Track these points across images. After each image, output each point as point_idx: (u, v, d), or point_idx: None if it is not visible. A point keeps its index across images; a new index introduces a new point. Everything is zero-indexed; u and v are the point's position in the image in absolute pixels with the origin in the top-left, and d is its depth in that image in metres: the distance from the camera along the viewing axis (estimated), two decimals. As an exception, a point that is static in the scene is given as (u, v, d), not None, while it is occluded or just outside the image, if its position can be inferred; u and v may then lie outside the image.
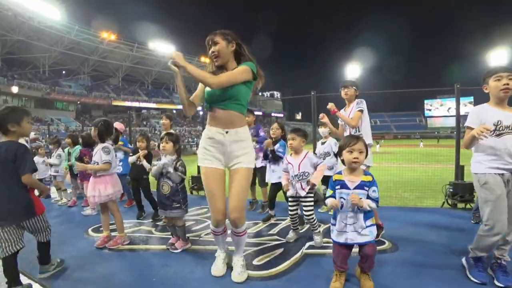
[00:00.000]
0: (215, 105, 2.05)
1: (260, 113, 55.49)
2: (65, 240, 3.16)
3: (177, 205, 2.73)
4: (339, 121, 3.10)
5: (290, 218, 2.90)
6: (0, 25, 30.73)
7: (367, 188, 1.88)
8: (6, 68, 34.51)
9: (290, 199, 2.86)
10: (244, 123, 2.14)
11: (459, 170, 4.13)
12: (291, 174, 2.80)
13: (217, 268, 2.28)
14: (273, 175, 3.58)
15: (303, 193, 2.76)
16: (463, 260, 2.18)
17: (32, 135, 6.76)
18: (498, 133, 1.92)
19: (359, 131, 2.85)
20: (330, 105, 2.96)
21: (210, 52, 2.03)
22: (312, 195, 2.82)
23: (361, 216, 1.90)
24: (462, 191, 3.88)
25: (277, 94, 75.64)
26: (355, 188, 1.89)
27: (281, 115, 68.19)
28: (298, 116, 75.18)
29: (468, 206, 3.86)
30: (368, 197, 1.87)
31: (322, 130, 3.99)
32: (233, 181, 2.09)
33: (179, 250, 2.70)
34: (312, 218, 2.77)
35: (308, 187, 2.75)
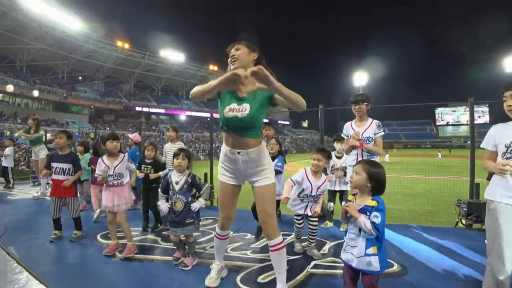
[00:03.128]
0: (231, 130, 2.03)
1: (266, 120, 55.48)
2: (74, 246, 3.23)
3: (190, 220, 2.69)
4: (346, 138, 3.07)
5: (297, 231, 2.99)
6: (26, 35, 32.55)
7: (368, 213, 1.77)
8: (29, 74, 36.36)
9: (298, 217, 2.95)
10: (258, 144, 2.07)
11: (474, 187, 3.95)
12: (306, 192, 2.80)
13: (211, 279, 2.29)
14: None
15: (310, 213, 2.87)
16: None
17: (49, 136, 7.02)
18: (509, 156, 1.77)
19: (371, 155, 2.80)
20: (355, 140, 2.84)
21: (230, 56, 2.02)
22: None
23: (362, 241, 1.78)
24: (477, 211, 3.66)
25: (283, 102, 75.26)
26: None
27: (287, 122, 67.91)
28: (305, 124, 74.62)
29: (484, 227, 3.70)
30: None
31: (338, 146, 3.96)
32: (256, 200, 2.14)
33: (189, 267, 2.63)
34: (315, 232, 2.90)
35: (314, 213, 2.85)
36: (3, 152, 7.05)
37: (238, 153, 2.04)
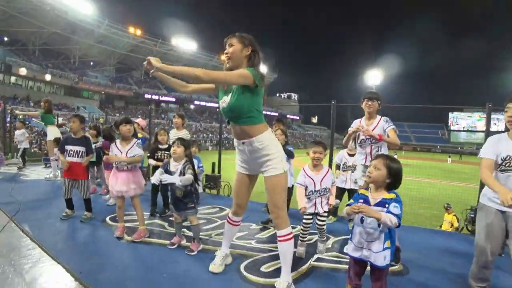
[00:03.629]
0: (230, 121, 2.13)
1: (276, 114, 55.34)
2: (84, 226, 3.34)
3: (192, 205, 2.79)
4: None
5: (303, 229, 2.84)
6: (39, 18, 32.97)
7: (387, 205, 1.77)
8: (42, 58, 36.92)
9: (306, 217, 2.84)
10: (259, 131, 2.07)
11: None
12: (310, 189, 2.74)
13: (215, 264, 2.37)
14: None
15: (322, 211, 2.77)
16: None
17: (60, 120, 7.17)
18: (503, 168, 1.87)
19: (380, 151, 2.77)
20: (361, 130, 2.77)
21: (224, 53, 2.06)
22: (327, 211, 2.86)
23: (381, 236, 1.79)
24: None
25: (294, 96, 74.99)
26: (375, 205, 1.80)
27: (297, 117, 67.55)
28: (314, 120, 74.10)
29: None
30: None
31: (350, 143, 3.92)
32: (266, 190, 2.15)
33: (195, 252, 2.71)
34: (324, 228, 2.83)
35: (327, 207, 2.81)
36: (18, 136, 7.23)
37: (243, 143, 2.11)
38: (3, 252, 2.56)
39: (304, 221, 2.82)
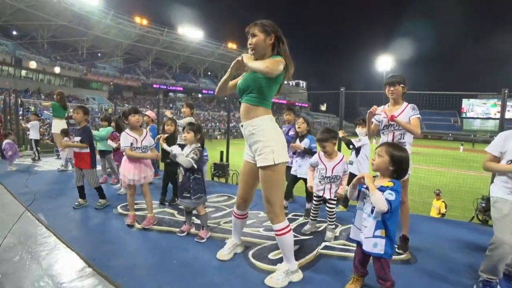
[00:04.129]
0: (240, 99, 2.11)
1: (284, 101, 54.92)
2: (96, 215, 3.43)
3: (187, 195, 2.76)
4: (375, 121, 2.77)
5: (314, 208, 3.00)
6: (47, 11, 33.33)
7: (383, 193, 1.77)
8: (50, 51, 37.54)
9: (316, 198, 2.96)
10: (257, 114, 2.00)
11: None
12: (322, 174, 2.82)
13: (222, 252, 2.41)
14: (300, 170, 3.58)
15: (328, 197, 2.85)
16: (474, 286, 2.06)
17: (70, 111, 7.29)
18: None
19: (403, 139, 2.57)
20: (388, 112, 2.59)
21: (248, 43, 2.00)
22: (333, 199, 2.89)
23: (373, 222, 1.80)
24: None
25: (302, 83, 74.04)
26: None
27: (306, 105, 66.86)
28: (323, 107, 72.97)
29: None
30: None
31: (359, 130, 3.82)
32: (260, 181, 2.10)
33: (204, 240, 2.76)
34: (333, 214, 2.88)
35: (335, 194, 2.84)
36: (24, 125, 7.39)
37: (242, 126, 2.06)
38: (21, 240, 2.66)
39: (314, 202, 2.98)
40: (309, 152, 3.45)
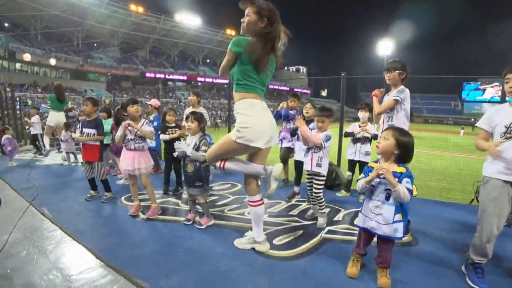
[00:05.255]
0: None
1: (286, 88, 54.35)
2: (101, 207, 3.45)
3: (199, 183, 2.81)
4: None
5: (308, 192, 2.99)
6: (38, 1, 32.22)
7: (398, 180, 1.77)
8: (44, 42, 36.58)
9: (307, 176, 2.92)
10: (238, 98, 2.12)
11: None
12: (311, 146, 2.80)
13: (240, 240, 2.48)
14: (301, 153, 3.60)
15: (310, 169, 2.80)
16: (463, 267, 2.09)
17: (69, 104, 7.22)
18: (509, 136, 1.82)
19: (391, 121, 2.62)
20: (376, 91, 2.74)
21: (241, 20, 2.00)
22: (324, 175, 2.81)
23: (391, 208, 1.82)
24: None
25: (303, 69, 73.26)
26: (384, 178, 1.80)
27: (307, 91, 66.30)
28: (324, 93, 72.36)
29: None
30: None
31: (361, 115, 3.80)
32: None
33: (203, 226, 2.82)
34: (320, 197, 2.82)
35: (319, 169, 2.78)
36: (30, 121, 7.36)
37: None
38: (27, 235, 2.69)
39: (307, 181, 2.93)
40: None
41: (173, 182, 4.08)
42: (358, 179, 1.96)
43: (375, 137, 3.69)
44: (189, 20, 43.65)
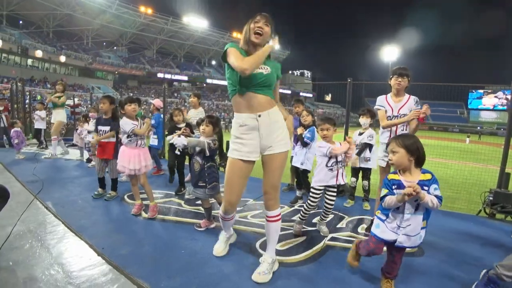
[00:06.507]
0: (253, 89, 2.03)
1: (289, 91, 54.35)
2: (104, 204, 3.47)
3: (202, 184, 2.76)
4: (382, 108, 2.77)
5: (308, 208, 2.74)
6: (52, 0, 33.10)
7: (426, 188, 1.70)
8: (56, 40, 37.40)
9: (317, 191, 2.69)
10: (273, 104, 2.06)
11: (504, 177, 3.69)
12: (333, 160, 2.65)
13: (218, 247, 2.37)
14: (295, 158, 3.69)
15: (342, 182, 2.69)
16: (482, 273, 1.95)
17: (76, 101, 7.27)
18: None
19: (405, 130, 2.65)
20: (425, 109, 2.49)
21: (257, 26, 2.00)
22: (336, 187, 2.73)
23: (419, 218, 1.76)
24: (504, 201, 3.50)
25: (307, 73, 73.33)
26: None
27: (311, 95, 66.19)
28: (328, 98, 72.16)
29: (509, 218, 3.49)
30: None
31: (363, 121, 3.77)
32: (266, 169, 2.09)
33: (202, 229, 2.81)
34: (331, 208, 2.73)
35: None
36: (37, 115, 7.45)
37: (259, 116, 1.97)
38: (30, 228, 2.70)
39: (311, 199, 2.69)
40: (301, 139, 3.51)
41: (175, 183, 4.07)
42: (384, 196, 1.81)
43: (366, 146, 3.68)
44: (196, 22, 44.10)
